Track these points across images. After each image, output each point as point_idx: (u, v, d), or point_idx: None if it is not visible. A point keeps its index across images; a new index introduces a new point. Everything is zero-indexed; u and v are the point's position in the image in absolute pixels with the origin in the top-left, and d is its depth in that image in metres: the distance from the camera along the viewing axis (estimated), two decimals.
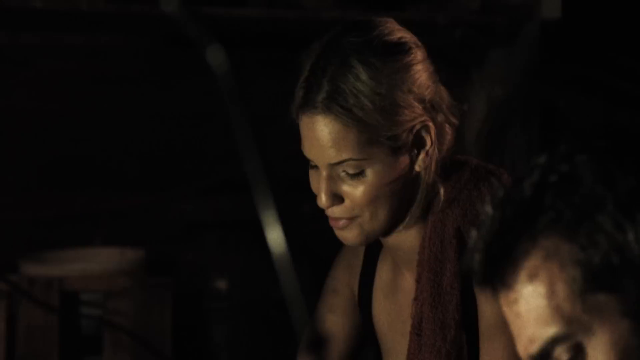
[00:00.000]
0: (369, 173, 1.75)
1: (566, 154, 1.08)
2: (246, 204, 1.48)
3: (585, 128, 1.12)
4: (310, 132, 1.76)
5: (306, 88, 1.76)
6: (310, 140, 1.77)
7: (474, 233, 1.10)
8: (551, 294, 1.06)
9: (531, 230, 1.07)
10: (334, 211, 1.78)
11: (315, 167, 1.80)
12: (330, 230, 1.85)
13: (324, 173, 1.76)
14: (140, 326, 3.06)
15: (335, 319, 1.97)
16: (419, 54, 1.77)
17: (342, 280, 1.98)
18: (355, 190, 1.75)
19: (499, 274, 1.09)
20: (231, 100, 0.81)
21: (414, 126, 1.75)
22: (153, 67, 3.43)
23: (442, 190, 1.82)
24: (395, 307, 1.91)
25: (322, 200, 1.77)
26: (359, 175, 1.75)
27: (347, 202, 1.76)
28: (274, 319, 3.22)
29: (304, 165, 3.66)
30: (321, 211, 1.88)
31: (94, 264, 3.15)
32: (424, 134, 1.76)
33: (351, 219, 1.77)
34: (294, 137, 3.62)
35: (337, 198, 1.77)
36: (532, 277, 1.07)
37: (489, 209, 1.10)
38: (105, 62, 3.39)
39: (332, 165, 1.75)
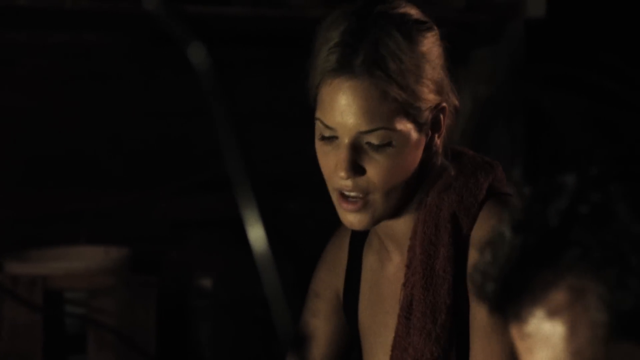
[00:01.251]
0: (394, 146, 1.73)
1: (599, 180, 0.97)
2: (231, 202, 1.48)
3: (624, 146, 1.00)
4: (344, 97, 1.72)
5: (341, 52, 1.72)
6: (340, 105, 1.72)
7: (486, 254, 1.01)
8: (571, 336, 0.97)
9: (555, 263, 0.97)
10: (350, 185, 1.74)
11: (330, 139, 1.76)
12: (316, 228, 1.85)
13: (346, 142, 1.73)
14: (124, 325, 3.05)
15: (319, 324, 1.96)
16: (438, 36, 1.79)
17: (325, 283, 1.97)
18: (378, 162, 1.73)
19: (514, 305, 1.00)
20: (212, 98, 0.81)
21: (435, 105, 1.75)
22: (138, 65, 3.43)
23: (443, 177, 1.82)
24: (378, 298, 1.90)
25: (343, 170, 1.73)
26: (384, 147, 1.73)
27: (368, 174, 1.73)
28: (258, 318, 3.21)
29: (290, 163, 3.68)
30: (307, 209, 1.87)
31: (78, 262, 3.14)
32: (440, 115, 1.77)
33: (365, 199, 1.75)
34: (280, 136, 3.63)
35: (358, 170, 1.74)
36: (551, 315, 0.98)
37: (507, 231, 0.99)
38: (90, 60, 3.38)
39: (360, 134, 1.72)
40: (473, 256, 1.78)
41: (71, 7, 3.06)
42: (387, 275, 1.89)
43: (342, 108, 1.72)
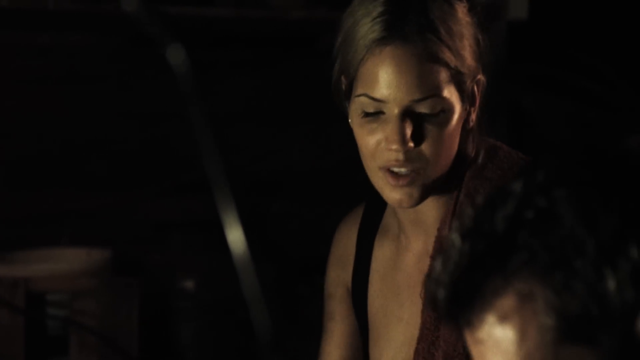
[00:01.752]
0: (443, 116, 1.68)
1: (544, 185, 0.97)
2: (213, 204, 1.47)
3: (567, 146, 1.00)
4: (395, 64, 1.67)
5: (389, 20, 1.67)
6: (392, 74, 1.67)
7: (438, 262, 1.01)
8: (521, 340, 0.97)
9: (503, 268, 0.97)
10: (402, 159, 1.69)
11: (376, 114, 1.70)
12: (300, 229, 1.83)
13: (397, 112, 1.67)
14: (106, 326, 3.05)
15: (336, 326, 1.91)
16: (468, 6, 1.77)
17: (335, 281, 1.92)
18: (429, 132, 1.68)
19: (464, 311, 1.00)
20: (190, 100, 0.81)
21: (474, 77, 1.73)
22: (121, 66, 3.42)
23: (478, 163, 1.79)
24: (392, 289, 1.85)
25: (396, 143, 1.67)
26: (436, 115, 1.68)
27: (419, 146, 1.69)
28: (240, 319, 3.21)
29: (273, 164, 3.67)
30: (291, 210, 1.87)
31: (60, 264, 3.14)
32: (476, 88, 1.74)
33: (415, 172, 1.70)
34: (264, 136, 3.62)
35: (413, 138, 1.69)
36: (502, 320, 0.98)
37: (456, 238, 1.00)
38: (73, 61, 3.37)
39: (413, 103, 1.67)
40: None
41: (54, 9, 3.06)
42: (404, 265, 1.84)
43: (393, 76, 1.67)
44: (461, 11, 1.72)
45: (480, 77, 1.75)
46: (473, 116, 1.75)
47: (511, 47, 3.68)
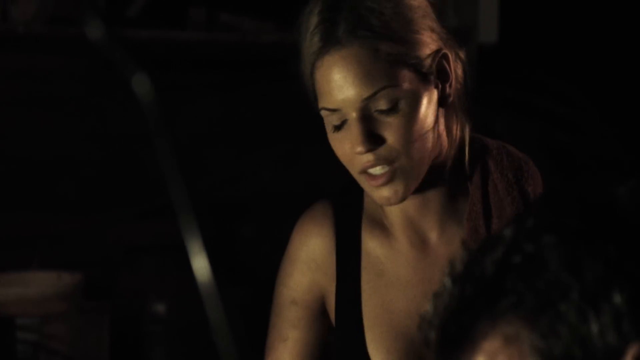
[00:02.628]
0: (403, 105, 1.68)
1: (533, 231, 1.00)
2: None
3: (556, 195, 1.03)
4: (337, 71, 1.68)
5: (323, 30, 1.68)
6: (337, 81, 1.68)
7: (432, 303, 1.04)
8: None
9: (491, 311, 1.00)
10: (372, 159, 1.69)
11: (341, 125, 1.70)
12: (271, 252, 1.80)
13: (355, 116, 1.68)
14: (77, 351, 3.03)
15: (300, 335, 1.83)
16: None
17: (302, 287, 1.84)
18: (392, 125, 1.68)
19: (454, 352, 1.02)
20: (156, 129, 0.81)
21: (435, 53, 1.71)
22: (90, 89, 3.42)
23: (476, 140, 1.79)
24: (396, 284, 1.81)
25: (360, 144, 1.68)
26: (394, 109, 1.67)
27: (387, 142, 1.68)
28: (211, 343, 3.20)
29: (244, 187, 3.67)
30: (261, 233, 1.85)
31: (30, 288, 3.12)
32: (444, 63, 1.72)
33: (392, 168, 1.69)
34: (235, 159, 3.63)
35: (376, 140, 1.69)
36: None
37: (448, 282, 1.03)
38: (44, 84, 3.37)
39: (366, 102, 1.67)
40: None
41: (23, 31, 3.05)
42: (408, 258, 1.81)
43: (339, 83, 1.68)
44: None
45: (447, 50, 1.72)
46: (449, 91, 1.73)
47: (481, 71, 3.71)
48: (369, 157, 1.69)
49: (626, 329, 0.95)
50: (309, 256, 1.85)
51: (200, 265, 0.85)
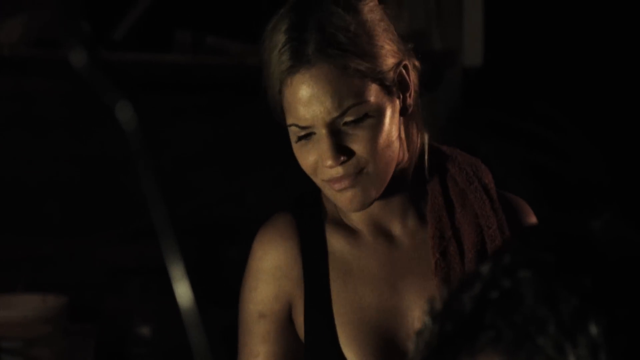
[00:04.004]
0: (370, 118, 1.72)
1: (510, 267, 1.02)
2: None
3: (533, 231, 1.06)
4: (307, 89, 1.71)
5: (291, 48, 1.71)
6: (307, 99, 1.71)
7: (413, 343, 1.05)
8: None
9: (471, 347, 1.01)
10: (341, 171, 1.73)
11: (307, 136, 1.74)
12: None
13: (324, 131, 1.72)
14: None
15: (272, 348, 1.84)
16: (376, 1, 1.80)
17: (270, 297, 1.84)
18: (360, 137, 1.72)
19: None
20: (138, 157, 0.82)
21: (397, 65, 1.75)
22: (75, 112, 3.42)
23: (428, 143, 1.84)
24: (365, 281, 1.83)
25: (330, 159, 1.72)
26: (361, 122, 1.72)
27: (355, 153, 1.73)
28: None
29: (230, 210, 3.67)
30: (247, 256, 1.85)
31: (15, 311, 3.11)
32: (405, 74, 1.77)
33: (358, 175, 1.73)
34: (221, 181, 3.63)
35: (344, 152, 1.73)
36: None
37: (428, 320, 1.04)
38: (27, 107, 3.37)
39: (335, 119, 1.71)
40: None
41: (9, 54, 3.06)
42: (375, 254, 1.84)
43: (310, 101, 1.71)
44: (367, 9, 1.76)
45: (406, 62, 1.78)
46: (409, 101, 1.78)
47: (467, 93, 3.72)
48: (337, 170, 1.74)
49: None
50: (274, 264, 1.85)
51: (183, 289, 0.86)
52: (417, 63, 1.81)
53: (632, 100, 3.91)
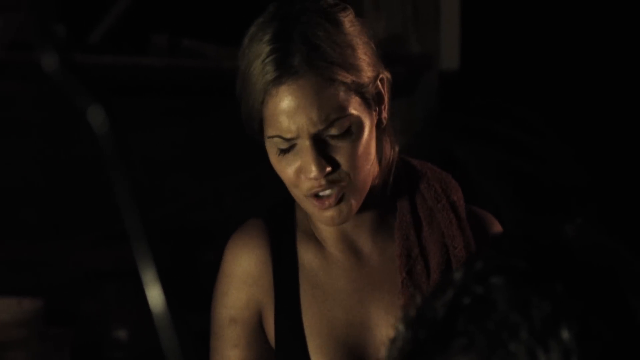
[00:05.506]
0: (353, 130, 1.72)
1: (482, 274, 1.02)
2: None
3: (505, 237, 1.06)
4: (293, 100, 1.69)
5: (277, 59, 1.69)
6: (292, 110, 1.69)
7: (386, 350, 1.05)
8: None
9: (443, 353, 1.01)
10: (324, 183, 1.72)
11: (289, 149, 1.73)
12: None
13: (308, 143, 1.71)
14: None
15: (242, 354, 1.83)
16: (354, 13, 1.80)
17: (239, 303, 1.84)
18: (343, 150, 1.72)
19: None
20: (110, 161, 0.81)
21: (375, 78, 1.75)
22: (50, 115, 3.41)
23: (400, 158, 1.84)
24: (332, 293, 1.84)
25: (314, 171, 1.71)
26: (345, 134, 1.71)
27: (338, 165, 1.72)
28: None
29: (207, 214, 3.67)
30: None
31: None
32: (381, 87, 1.76)
33: (339, 189, 1.73)
34: (198, 185, 3.62)
35: (329, 163, 1.72)
36: None
37: (401, 326, 1.04)
38: (2, 110, 3.35)
39: (320, 131, 1.70)
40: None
41: None
42: (342, 268, 1.84)
43: (295, 112, 1.70)
44: (348, 22, 1.76)
45: (383, 74, 1.78)
46: (384, 114, 1.78)
47: (443, 97, 3.73)
48: (320, 182, 1.72)
49: None
50: (245, 271, 1.85)
51: (154, 294, 0.86)
52: (389, 75, 1.80)
53: (608, 104, 3.92)
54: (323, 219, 1.76)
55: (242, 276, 1.85)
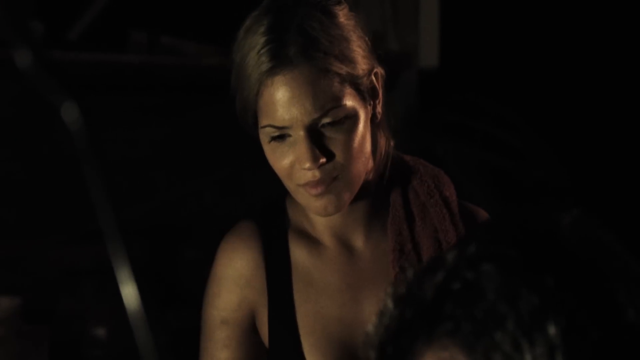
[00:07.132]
0: (349, 120, 1.73)
1: (474, 258, 1.01)
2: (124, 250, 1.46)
3: (500, 222, 1.05)
4: (288, 90, 1.71)
5: (272, 49, 1.71)
6: (288, 101, 1.71)
7: (372, 323, 1.06)
8: None
9: (429, 335, 1.01)
10: (318, 175, 1.73)
11: (282, 137, 1.74)
12: None
13: (302, 133, 1.72)
14: None
15: (232, 355, 1.84)
16: (348, 7, 1.81)
17: (233, 304, 1.85)
18: (338, 140, 1.73)
19: None
20: (84, 158, 0.81)
21: (370, 71, 1.76)
22: (27, 112, 3.39)
23: (394, 153, 1.84)
24: (326, 291, 1.84)
25: (309, 161, 1.72)
26: (339, 125, 1.72)
27: (332, 156, 1.73)
28: None
29: (187, 211, 3.66)
30: (204, 257, 1.84)
31: None
32: (375, 81, 1.78)
33: (334, 180, 1.74)
34: (177, 183, 3.61)
35: (324, 154, 1.73)
36: None
37: (389, 303, 1.04)
38: None
39: (314, 120, 1.72)
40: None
41: None
42: (335, 265, 1.85)
43: (290, 102, 1.71)
44: (342, 15, 1.77)
45: (377, 69, 1.79)
46: (379, 108, 1.80)
47: (422, 95, 3.74)
48: (315, 173, 1.74)
49: None
50: (238, 272, 1.86)
51: (129, 291, 0.86)
52: (383, 72, 1.82)
53: (588, 101, 3.94)
54: (315, 208, 1.77)
55: (234, 278, 1.85)
